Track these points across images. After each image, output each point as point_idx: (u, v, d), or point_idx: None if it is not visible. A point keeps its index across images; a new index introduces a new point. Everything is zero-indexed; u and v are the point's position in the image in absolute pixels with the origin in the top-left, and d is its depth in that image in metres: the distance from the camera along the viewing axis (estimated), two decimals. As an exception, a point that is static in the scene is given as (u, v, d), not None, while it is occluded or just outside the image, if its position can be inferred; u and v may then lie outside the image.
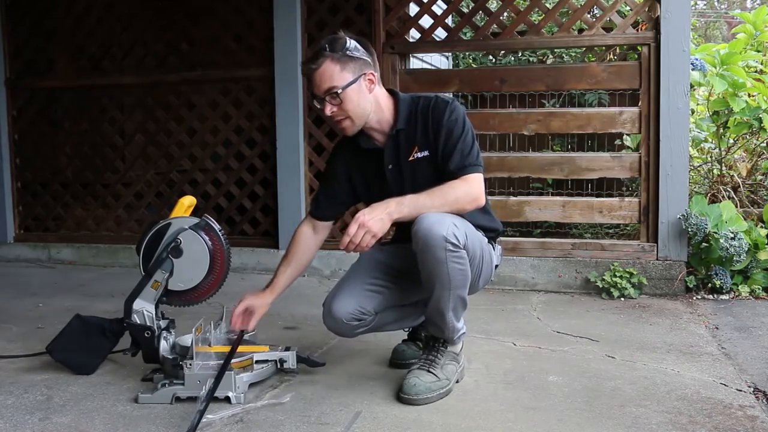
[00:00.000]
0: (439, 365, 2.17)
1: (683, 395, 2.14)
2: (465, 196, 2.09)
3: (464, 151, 2.13)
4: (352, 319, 2.23)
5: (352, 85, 2.15)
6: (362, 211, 2.00)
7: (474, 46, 4.48)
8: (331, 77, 2.13)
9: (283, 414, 2.02)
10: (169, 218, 2.30)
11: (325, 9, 4.16)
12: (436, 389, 2.12)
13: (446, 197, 2.06)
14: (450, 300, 2.10)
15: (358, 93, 2.16)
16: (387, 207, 2.01)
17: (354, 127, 2.21)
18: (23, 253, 4.84)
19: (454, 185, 2.09)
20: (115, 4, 4.66)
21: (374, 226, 1.97)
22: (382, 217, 1.99)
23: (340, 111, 2.17)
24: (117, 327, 2.33)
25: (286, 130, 4.20)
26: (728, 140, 4.30)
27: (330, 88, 2.13)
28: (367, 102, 2.19)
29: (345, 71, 2.14)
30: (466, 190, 2.10)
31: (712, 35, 12.98)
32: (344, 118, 2.19)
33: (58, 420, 2.01)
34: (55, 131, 4.96)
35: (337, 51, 2.14)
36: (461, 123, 2.16)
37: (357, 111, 2.18)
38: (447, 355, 2.21)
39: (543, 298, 3.59)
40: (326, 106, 2.17)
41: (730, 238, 3.40)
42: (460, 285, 2.10)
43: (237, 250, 4.08)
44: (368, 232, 1.97)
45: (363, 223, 1.97)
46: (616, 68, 3.74)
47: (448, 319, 2.15)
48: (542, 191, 5.40)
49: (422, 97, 2.24)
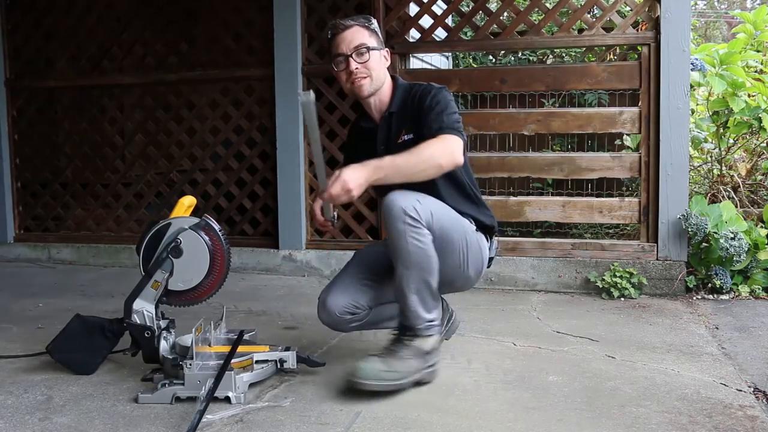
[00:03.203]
0: (396, 357, 2.13)
1: (683, 395, 2.14)
2: (441, 151, 2.12)
3: (442, 117, 2.19)
4: (345, 312, 2.28)
5: (377, 51, 2.30)
6: (346, 168, 2.05)
7: (474, 46, 4.48)
8: (362, 36, 2.27)
9: (283, 414, 2.02)
10: (169, 218, 2.30)
11: (325, 9, 4.16)
12: (386, 378, 2.08)
13: (421, 154, 2.10)
14: (411, 281, 2.11)
15: (379, 58, 2.31)
16: (366, 169, 2.05)
17: (371, 87, 2.30)
18: (23, 253, 4.84)
19: (430, 143, 2.13)
20: (115, 4, 4.67)
21: (352, 183, 2.01)
22: (358, 177, 2.02)
23: (364, 68, 2.27)
24: (117, 327, 2.33)
25: (286, 130, 4.20)
26: (728, 140, 4.30)
27: (360, 44, 2.26)
28: (383, 72, 2.33)
29: (372, 38, 2.30)
30: (443, 146, 2.13)
31: (712, 35, 12.98)
32: (365, 76, 2.28)
33: (58, 420, 2.01)
34: (55, 131, 4.96)
35: (363, 23, 2.31)
36: (444, 101, 2.23)
37: (378, 73, 2.30)
38: (411, 349, 2.16)
39: (543, 298, 3.59)
40: (351, 62, 2.26)
41: (730, 238, 3.40)
42: (424, 267, 2.10)
43: (237, 250, 4.09)
44: (344, 188, 2.01)
45: (343, 180, 2.01)
46: (616, 68, 3.74)
47: (410, 302, 2.14)
48: (542, 191, 5.41)
49: (417, 84, 2.34)
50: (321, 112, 4.12)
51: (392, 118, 2.33)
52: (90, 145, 4.80)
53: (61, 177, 4.88)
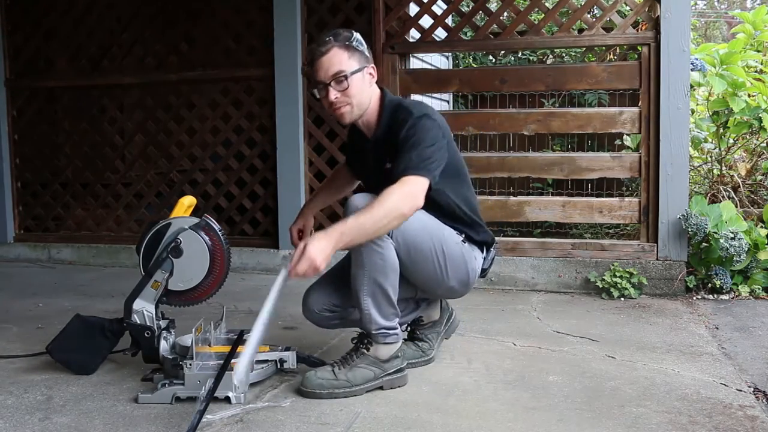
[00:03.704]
0: (348, 366, 2.18)
1: (683, 395, 2.14)
2: (403, 200, 2.03)
3: (410, 156, 2.09)
4: (324, 311, 2.35)
5: (358, 74, 2.18)
6: (310, 239, 1.97)
7: (474, 46, 4.48)
8: (339, 62, 2.16)
9: (283, 414, 2.02)
10: (169, 218, 2.30)
11: (325, 9, 4.16)
12: (328, 387, 2.13)
13: (383, 207, 2.00)
14: (364, 282, 2.13)
15: (361, 81, 2.20)
16: (331, 238, 1.97)
17: (352, 114, 2.22)
18: (23, 253, 4.84)
19: (392, 191, 2.03)
20: (115, 4, 4.66)
21: (319, 259, 1.94)
22: (324, 249, 1.95)
23: (344, 97, 2.18)
24: (117, 327, 2.33)
25: (286, 130, 4.20)
26: (728, 140, 4.30)
27: (338, 71, 2.15)
28: (367, 93, 2.23)
29: (352, 59, 2.18)
30: (404, 192, 2.04)
31: (712, 35, 12.97)
32: (346, 104, 2.20)
33: (58, 420, 2.01)
34: (55, 131, 4.96)
35: (343, 41, 2.18)
36: (419, 134, 2.12)
37: (360, 99, 2.21)
38: (365, 358, 2.19)
39: (543, 298, 3.59)
40: (330, 91, 2.17)
41: (730, 238, 3.40)
42: (377, 269, 2.11)
43: (237, 250, 4.09)
44: (312, 265, 1.94)
45: (310, 258, 1.93)
46: (616, 68, 3.74)
47: (363, 304, 2.16)
48: (542, 191, 5.41)
49: (401, 107, 2.22)
50: (321, 112, 4.12)
51: (378, 143, 2.26)
52: (90, 145, 4.80)
53: (61, 177, 4.88)
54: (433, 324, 2.51)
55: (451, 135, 2.31)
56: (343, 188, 2.71)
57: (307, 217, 2.59)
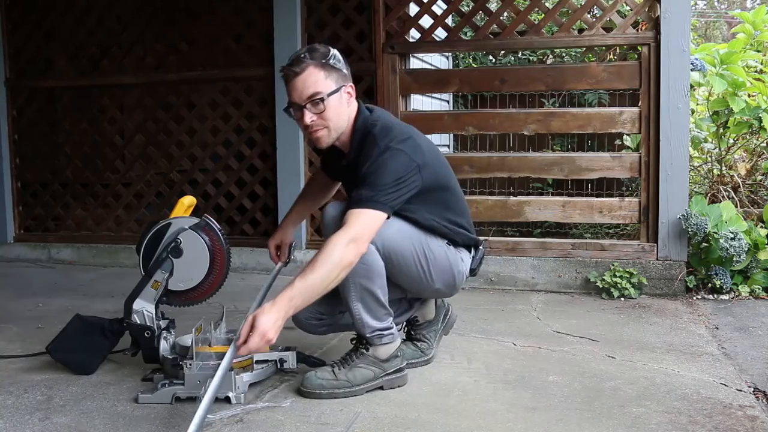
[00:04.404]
0: (348, 366, 2.18)
1: (683, 395, 2.14)
2: (346, 249, 1.94)
3: (368, 188, 2.02)
4: (310, 318, 2.33)
5: (335, 95, 2.10)
6: (260, 312, 1.88)
7: (474, 46, 4.48)
8: (315, 83, 2.07)
9: (283, 414, 2.02)
10: (169, 218, 2.30)
11: (325, 9, 4.15)
12: (328, 387, 2.13)
13: (327, 262, 1.92)
14: (351, 289, 2.12)
15: (339, 103, 2.12)
16: (279, 307, 1.89)
17: (329, 138, 2.16)
18: (23, 253, 4.84)
19: (335, 241, 1.95)
20: (115, 4, 4.66)
21: (270, 332, 1.87)
22: (274, 321, 1.87)
23: (320, 120, 2.11)
24: (117, 327, 2.33)
25: (286, 130, 4.20)
26: (728, 140, 4.30)
27: (314, 93, 2.07)
28: (345, 114, 2.16)
29: (329, 79, 2.09)
30: (347, 238, 1.95)
31: (712, 35, 12.97)
32: (323, 128, 2.12)
33: (58, 420, 2.01)
34: (55, 131, 4.96)
35: (319, 59, 2.09)
36: (380, 170, 2.04)
37: (337, 121, 2.14)
38: (365, 358, 2.20)
39: (543, 298, 3.59)
40: (306, 114, 2.09)
41: (730, 238, 3.40)
42: (361, 274, 2.09)
43: (237, 250, 4.08)
44: (264, 339, 1.86)
45: (261, 332, 1.85)
46: (616, 68, 3.74)
47: (354, 310, 2.16)
48: (542, 191, 5.41)
49: (370, 138, 2.13)
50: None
51: (352, 165, 2.19)
52: (90, 145, 4.80)
53: (61, 177, 4.87)
54: (430, 323, 2.50)
55: (437, 152, 2.26)
56: (322, 195, 2.65)
57: (286, 231, 2.56)
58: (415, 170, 2.10)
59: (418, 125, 2.38)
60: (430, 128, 4.10)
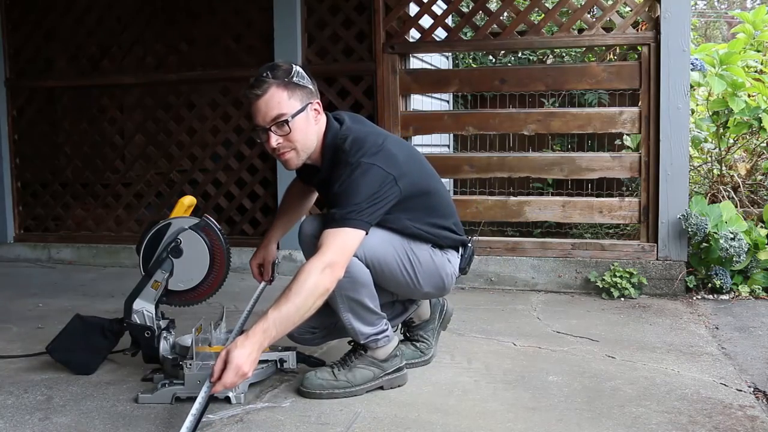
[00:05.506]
0: (347, 367, 2.18)
1: (683, 395, 2.14)
2: (322, 276, 1.89)
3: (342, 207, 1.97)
4: (304, 333, 2.30)
5: (300, 114, 2.04)
6: (233, 346, 1.83)
7: (474, 46, 4.48)
8: (279, 104, 2.01)
9: (283, 414, 2.02)
10: (169, 218, 2.30)
11: (325, 9, 4.15)
12: (328, 388, 2.13)
13: (302, 291, 1.87)
14: (339, 302, 2.10)
15: (305, 122, 2.06)
16: (254, 340, 1.84)
17: (298, 159, 2.12)
18: (23, 253, 4.84)
19: (307, 269, 1.89)
20: (114, 4, 4.66)
21: (246, 366, 1.82)
22: (249, 354, 1.82)
23: (287, 142, 2.05)
24: (117, 327, 2.33)
25: (286, 130, 4.19)
26: (728, 140, 4.30)
27: (278, 116, 2.01)
28: (313, 133, 2.10)
29: (293, 99, 2.03)
30: (323, 263, 1.90)
31: (712, 35, 12.97)
32: (290, 150, 2.07)
33: (58, 420, 2.01)
34: (55, 131, 4.96)
35: (282, 78, 2.02)
36: (355, 183, 1.99)
37: (305, 142, 2.08)
38: (363, 359, 2.20)
39: (543, 298, 3.59)
40: (271, 137, 2.03)
41: (730, 238, 3.40)
42: (348, 288, 2.06)
43: (237, 250, 4.05)
44: (239, 374, 1.81)
45: (235, 367, 1.80)
46: (616, 68, 3.74)
47: (345, 320, 2.15)
48: (542, 191, 5.42)
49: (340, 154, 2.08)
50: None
51: (325, 181, 2.16)
52: (90, 145, 4.80)
53: (61, 177, 4.87)
54: (426, 322, 2.49)
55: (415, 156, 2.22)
56: (302, 204, 2.59)
57: (268, 249, 2.51)
58: (390, 183, 2.04)
59: (418, 125, 2.39)
60: (430, 128, 4.11)
